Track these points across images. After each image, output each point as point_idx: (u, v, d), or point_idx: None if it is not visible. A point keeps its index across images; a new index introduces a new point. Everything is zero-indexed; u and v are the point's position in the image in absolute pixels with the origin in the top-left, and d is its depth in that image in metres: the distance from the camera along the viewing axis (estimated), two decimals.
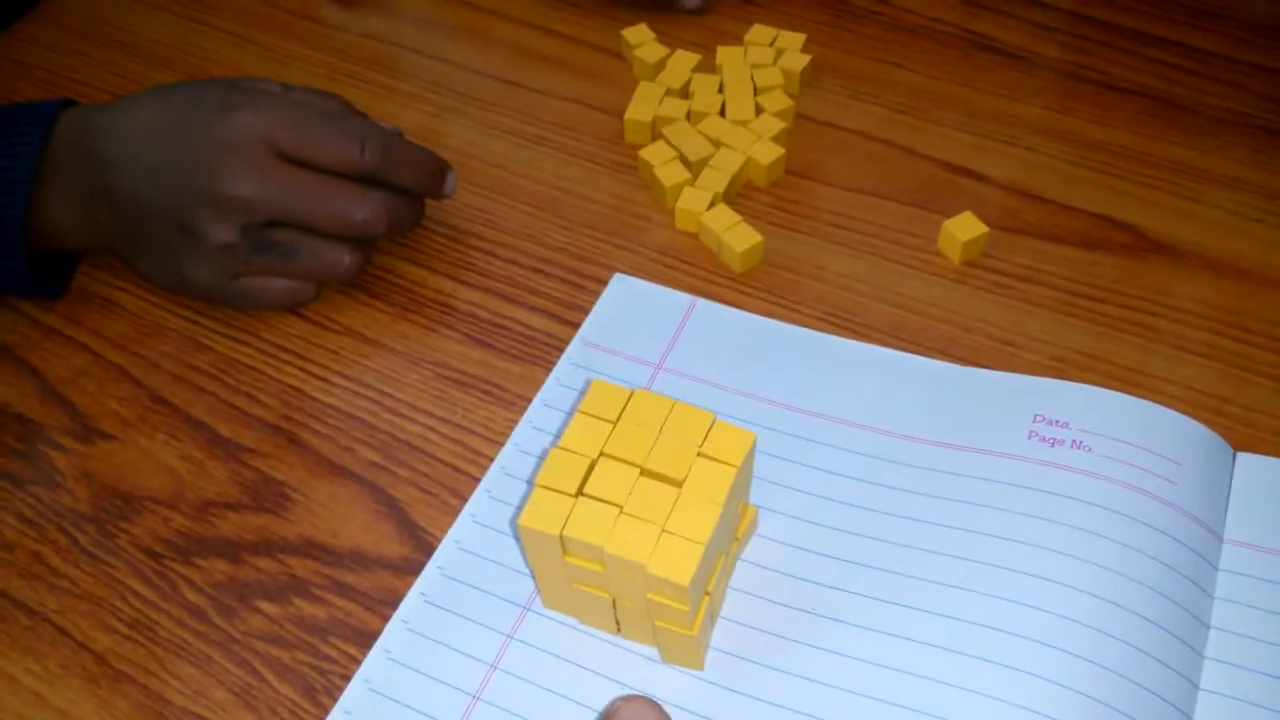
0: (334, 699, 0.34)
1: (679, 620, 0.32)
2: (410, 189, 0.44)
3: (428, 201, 0.47)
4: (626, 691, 0.34)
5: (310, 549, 0.38)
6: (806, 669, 0.34)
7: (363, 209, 0.42)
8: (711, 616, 0.34)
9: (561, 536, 0.31)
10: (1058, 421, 0.38)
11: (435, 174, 0.45)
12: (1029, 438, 0.38)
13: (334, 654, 0.36)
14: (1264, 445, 0.39)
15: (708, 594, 0.33)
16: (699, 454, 0.32)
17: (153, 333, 0.45)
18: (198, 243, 0.41)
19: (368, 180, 0.42)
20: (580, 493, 0.32)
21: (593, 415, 0.33)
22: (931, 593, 0.35)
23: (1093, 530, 0.35)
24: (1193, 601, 0.35)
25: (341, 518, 0.39)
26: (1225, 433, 0.39)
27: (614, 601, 0.33)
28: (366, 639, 0.36)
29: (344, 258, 0.43)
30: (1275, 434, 0.40)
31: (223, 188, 0.40)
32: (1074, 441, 0.38)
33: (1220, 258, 0.45)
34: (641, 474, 0.32)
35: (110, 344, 0.45)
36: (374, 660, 0.35)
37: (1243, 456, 0.38)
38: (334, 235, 0.42)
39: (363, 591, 0.37)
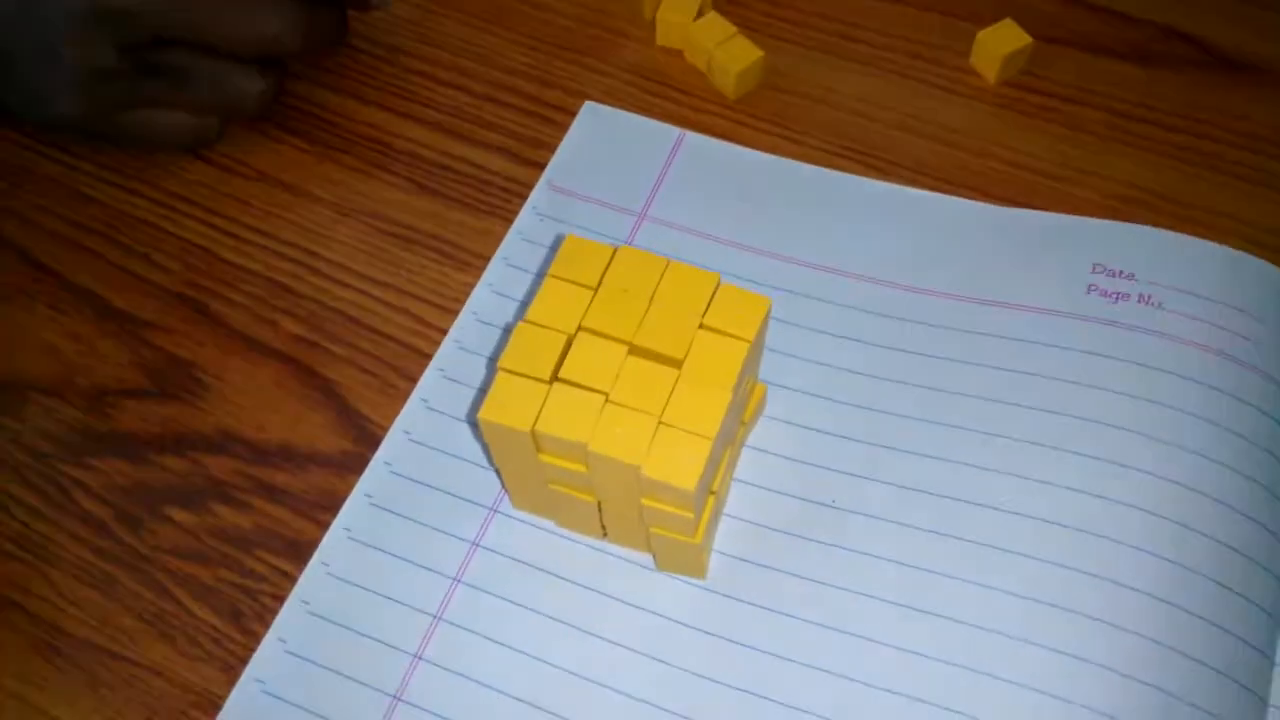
0: (265, 624, 0.29)
1: (679, 527, 0.27)
2: None
3: (351, 15, 0.39)
4: (615, 606, 0.29)
5: (229, 444, 0.32)
6: (826, 572, 0.29)
7: (273, 20, 0.34)
8: (715, 518, 0.29)
9: (533, 433, 0.25)
10: (1120, 272, 0.33)
11: None
12: (1087, 292, 0.32)
13: (263, 570, 0.30)
14: None
15: (712, 493, 0.28)
16: (701, 326, 0.26)
17: (23, 181, 0.37)
18: (67, 69, 0.33)
19: None
20: (555, 377, 0.26)
21: (566, 279, 0.27)
22: (974, 480, 0.30)
23: (1164, 401, 0.30)
24: (1277, 482, 0.30)
25: (265, 405, 0.33)
26: None
27: (599, 504, 0.28)
28: (302, 551, 0.30)
29: (252, 84, 0.35)
30: None
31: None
32: (1141, 295, 0.32)
33: None
34: (630, 352, 0.26)
35: None
36: (311, 577, 0.29)
37: None
38: (237, 55, 0.35)
39: (295, 494, 0.31)
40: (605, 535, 0.30)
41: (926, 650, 0.28)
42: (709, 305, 0.26)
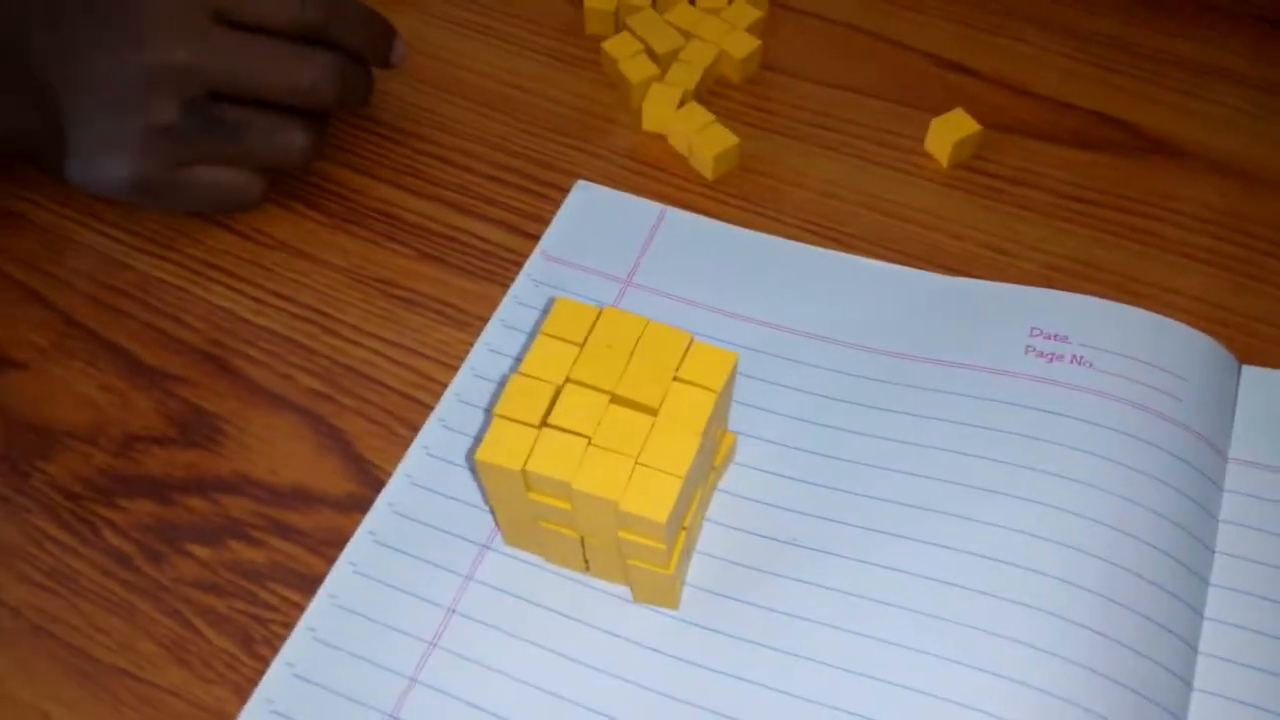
0: (275, 650, 0.31)
1: (654, 559, 0.29)
2: (357, 50, 0.40)
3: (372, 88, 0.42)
4: (596, 634, 0.31)
5: (246, 486, 0.35)
6: (789, 604, 0.32)
7: (310, 71, 0.38)
8: (688, 552, 0.32)
9: (524, 472, 0.28)
10: (1056, 335, 0.36)
11: (383, 34, 0.41)
12: (1026, 352, 0.36)
13: (274, 601, 0.33)
14: (1270, 357, 0.37)
15: (684, 529, 0.31)
16: (675, 378, 0.29)
17: (64, 249, 0.41)
18: (132, 127, 0.36)
19: (312, 40, 0.38)
20: (544, 423, 0.29)
21: (557, 337, 0.30)
22: (923, 521, 0.33)
23: (1095, 451, 0.33)
24: (1199, 525, 0.32)
25: (280, 452, 0.36)
26: (1229, 344, 0.37)
27: (582, 539, 0.30)
28: (310, 584, 0.33)
29: (296, 136, 0.39)
30: None
31: (156, 57, 0.35)
32: (1074, 356, 0.35)
33: (1223, 158, 0.43)
34: (611, 401, 0.29)
35: (17, 262, 0.40)
36: (319, 607, 0.32)
37: (1248, 369, 0.36)
38: (282, 106, 0.38)
39: (305, 532, 0.34)
40: (588, 569, 0.32)
41: (880, 674, 0.30)
42: (682, 360, 0.30)
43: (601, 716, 0.30)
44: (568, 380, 0.29)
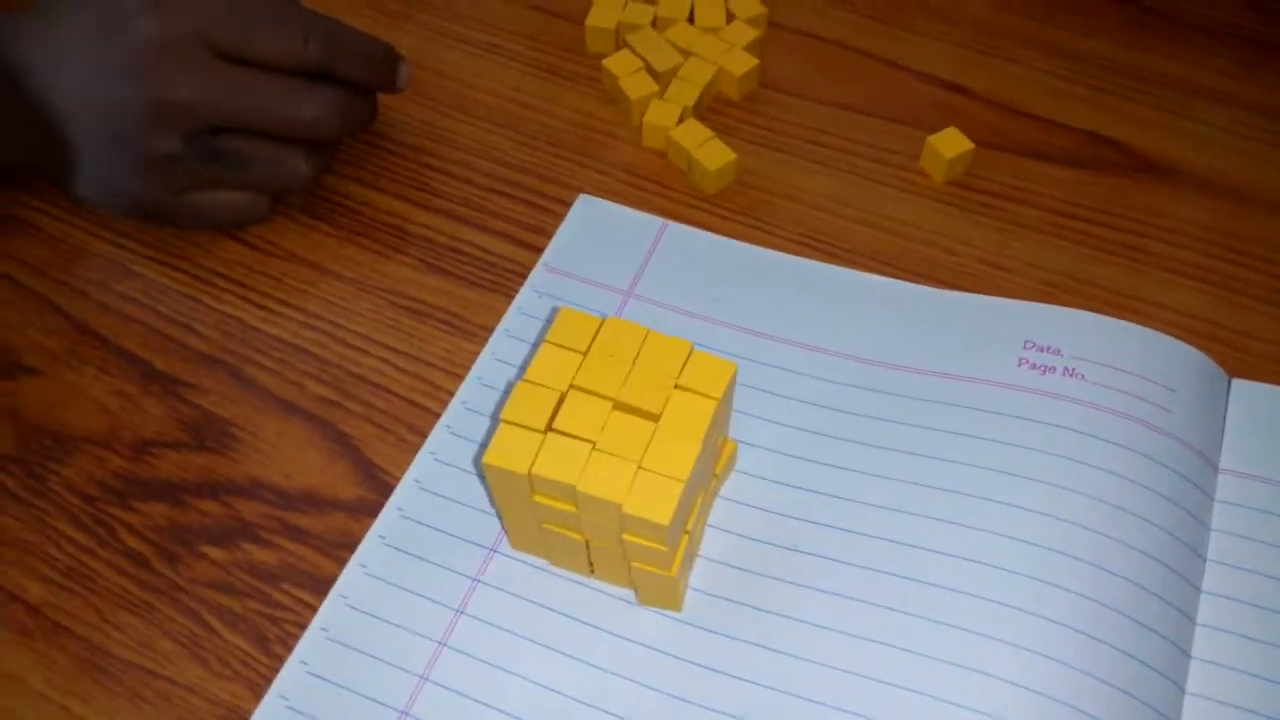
0: (289, 649, 0.32)
1: (657, 561, 0.30)
2: (360, 83, 0.41)
3: (380, 100, 0.44)
4: (601, 636, 0.32)
5: (259, 490, 0.36)
6: (788, 608, 0.32)
7: (311, 106, 0.38)
8: (690, 556, 0.32)
9: (530, 475, 0.29)
10: (1049, 348, 0.37)
11: (386, 63, 0.42)
12: (1019, 365, 0.37)
13: (287, 601, 0.33)
14: (1258, 371, 0.38)
15: (686, 533, 0.31)
16: (676, 386, 0.30)
17: (76, 258, 0.41)
18: (137, 157, 0.37)
19: (314, 76, 0.39)
20: (549, 428, 0.29)
21: (561, 345, 0.31)
22: (919, 527, 0.33)
23: (1087, 461, 0.34)
24: (1190, 534, 0.33)
25: (292, 457, 0.36)
26: (1219, 358, 0.38)
27: (587, 543, 0.31)
28: (322, 585, 0.34)
29: (300, 165, 0.40)
30: (1270, 359, 0.38)
31: (158, 93, 0.36)
32: (1066, 369, 0.36)
33: (1212, 177, 0.44)
34: (615, 408, 0.30)
35: (31, 270, 0.41)
36: (331, 607, 0.33)
37: (1237, 383, 0.37)
38: (283, 138, 0.39)
39: (316, 535, 0.35)
40: (593, 572, 0.33)
41: (879, 675, 0.31)
42: (683, 369, 0.30)
43: (606, 715, 0.31)
44: (572, 387, 0.30)
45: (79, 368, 0.39)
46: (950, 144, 0.43)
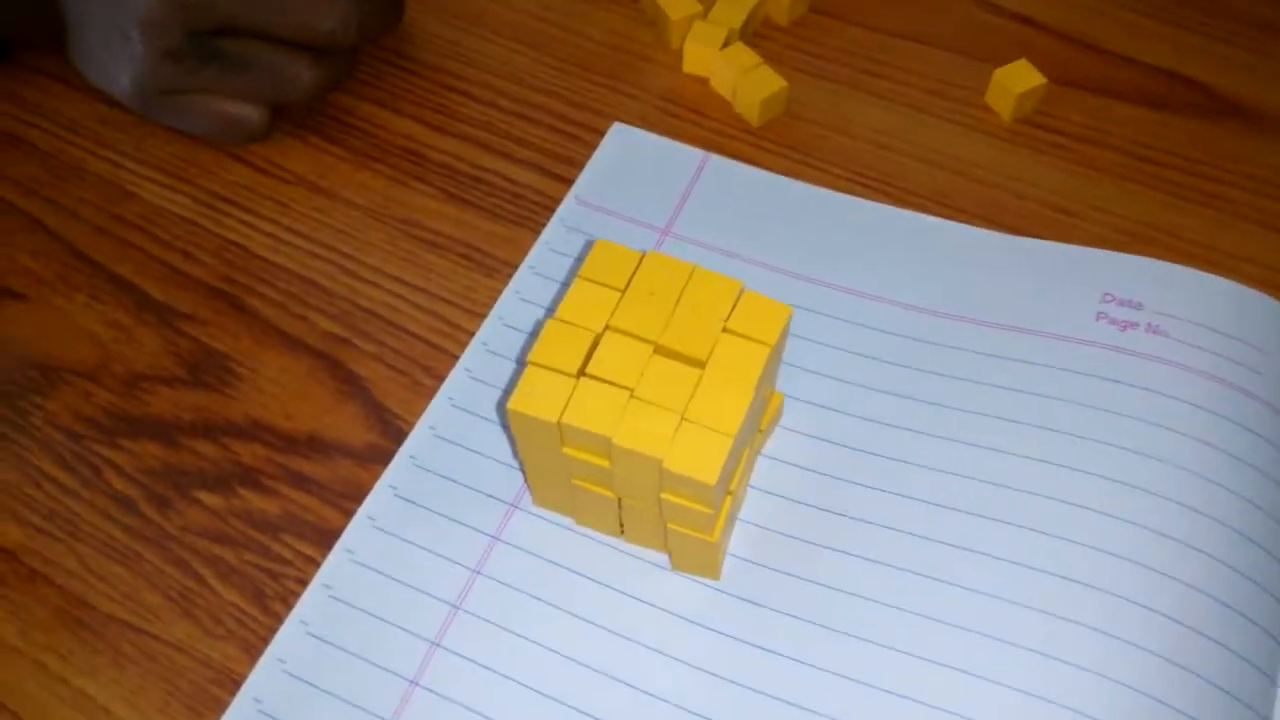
0: (288, 606, 0.30)
1: (698, 524, 0.27)
2: None
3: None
4: (629, 603, 0.29)
5: (259, 432, 0.33)
6: (836, 578, 0.30)
7: (330, 15, 0.35)
8: (731, 519, 0.30)
9: (559, 424, 0.26)
10: (1130, 301, 0.34)
11: None
12: (1097, 319, 0.33)
13: (288, 555, 0.31)
14: None
15: (730, 494, 0.28)
16: (725, 329, 0.27)
17: (69, 176, 0.38)
18: (136, 50, 0.35)
19: None
20: (582, 373, 0.26)
21: (596, 281, 0.28)
22: (982, 494, 0.30)
23: (1170, 425, 0.31)
24: (1279, 508, 0.30)
25: (296, 397, 0.33)
26: None
27: (619, 501, 0.28)
28: (326, 538, 0.31)
29: (303, 71, 0.36)
30: None
31: None
32: (1149, 324, 0.33)
33: None
34: (655, 351, 0.27)
35: (19, 188, 0.38)
36: (335, 563, 0.30)
37: None
38: (298, 45, 0.36)
39: (321, 483, 0.32)
40: (623, 533, 0.30)
41: (934, 656, 0.28)
42: (732, 310, 0.27)
43: (632, 689, 0.28)
44: (608, 328, 0.27)
45: (68, 294, 0.36)
46: (1020, 78, 0.39)
